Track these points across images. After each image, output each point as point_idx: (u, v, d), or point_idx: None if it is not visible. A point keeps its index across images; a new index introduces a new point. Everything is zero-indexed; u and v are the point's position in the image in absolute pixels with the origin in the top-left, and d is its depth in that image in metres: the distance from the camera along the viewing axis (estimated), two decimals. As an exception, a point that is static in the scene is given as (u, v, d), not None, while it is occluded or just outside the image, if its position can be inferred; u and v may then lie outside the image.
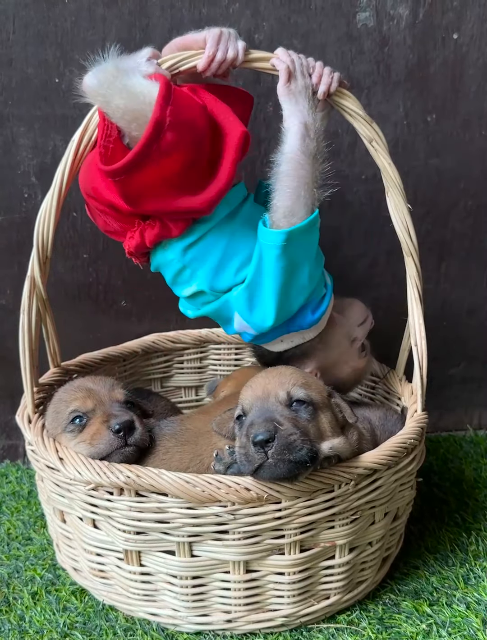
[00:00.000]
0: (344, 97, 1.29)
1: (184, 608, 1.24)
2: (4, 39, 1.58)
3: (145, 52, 1.22)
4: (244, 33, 1.65)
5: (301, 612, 1.26)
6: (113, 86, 1.15)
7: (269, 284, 1.26)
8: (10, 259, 1.72)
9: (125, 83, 1.15)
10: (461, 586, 1.37)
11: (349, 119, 1.30)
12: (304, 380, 1.19)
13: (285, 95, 1.25)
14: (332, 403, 1.21)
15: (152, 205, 1.23)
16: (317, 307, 1.35)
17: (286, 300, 1.28)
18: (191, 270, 1.31)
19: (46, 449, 1.25)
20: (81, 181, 1.30)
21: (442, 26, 1.72)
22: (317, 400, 1.17)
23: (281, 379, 1.18)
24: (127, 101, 1.15)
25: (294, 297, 1.29)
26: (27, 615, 1.29)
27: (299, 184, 1.23)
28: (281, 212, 1.24)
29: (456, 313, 1.97)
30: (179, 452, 1.29)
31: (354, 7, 1.67)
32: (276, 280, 1.25)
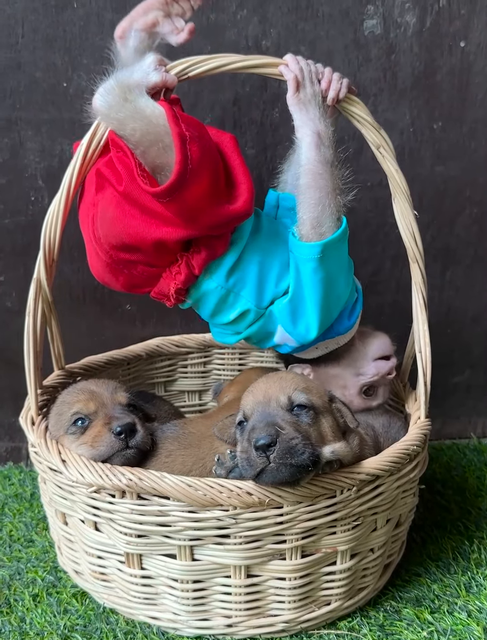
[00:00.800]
0: (353, 103, 1.30)
1: (185, 612, 1.24)
2: (12, 43, 1.59)
3: (150, 61, 1.21)
4: (252, 39, 1.66)
5: (302, 618, 1.26)
6: (124, 109, 1.15)
7: (311, 296, 1.28)
8: (16, 261, 1.73)
9: (136, 105, 1.15)
10: (463, 594, 1.37)
11: (357, 125, 1.30)
12: (304, 385, 1.19)
13: (295, 105, 1.25)
14: (333, 408, 1.21)
15: (208, 219, 1.20)
16: (352, 312, 1.36)
17: (327, 310, 1.30)
18: (235, 294, 1.31)
19: (49, 451, 1.26)
20: (104, 235, 1.26)
21: (450, 34, 1.72)
22: (318, 405, 1.18)
23: (282, 384, 1.18)
24: (142, 125, 1.16)
25: (333, 306, 1.31)
26: (27, 617, 1.29)
27: (322, 194, 1.24)
28: (308, 224, 1.24)
29: (460, 320, 1.97)
30: (182, 456, 1.29)
31: (361, 14, 1.68)
32: (316, 292, 1.27)
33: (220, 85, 1.68)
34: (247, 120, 1.72)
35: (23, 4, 1.57)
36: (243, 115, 1.71)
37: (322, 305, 1.28)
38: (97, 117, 1.20)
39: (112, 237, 1.24)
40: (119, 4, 1.59)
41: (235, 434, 1.20)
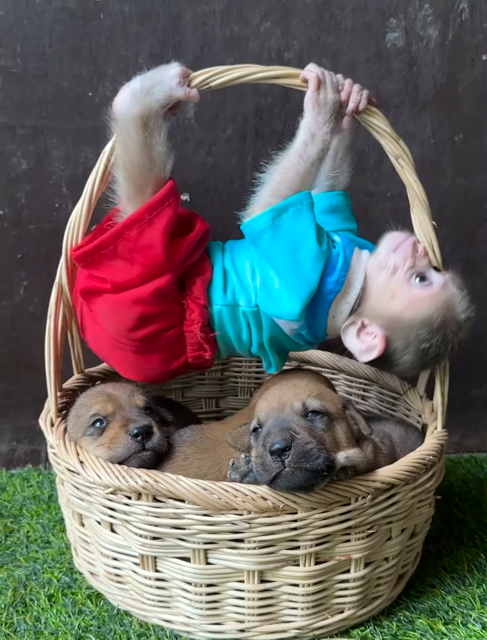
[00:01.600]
0: (372, 114, 1.31)
1: (198, 616, 1.25)
2: (40, 53, 1.63)
3: (174, 72, 1.24)
4: (275, 51, 1.69)
5: (315, 625, 1.26)
6: (137, 136, 1.22)
7: (276, 266, 1.27)
8: (40, 267, 1.76)
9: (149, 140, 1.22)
10: (477, 606, 1.36)
11: (376, 136, 1.31)
12: (318, 391, 1.20)
13: (311, 104, 1.27)
14: (347, 415, 1.21)
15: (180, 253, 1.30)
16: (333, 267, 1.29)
17: (300, 272, 1.26)
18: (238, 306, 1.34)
19: (67, 452, 1.27)
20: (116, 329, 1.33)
21: (472, 47, 1.74)
22: (333, 411, 1.18)
23: (296, 390, 1.19)
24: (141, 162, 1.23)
25: (307, 266, 1.26)
26: (42, 617, 1.31)
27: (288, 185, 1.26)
28: (259, 205, 1.26)
29: (478, 333, 1.95)
30: (198, 459, 1.31)
31: (384, 27, 1.70)
32: (280, 259, 1.26)
33: (243, 96, 1.70)
34: (269, 130, 1.74)
35: (51, 14, 1.61)
36: (265, 126, 1.73)
37: (292, 270, 1.26)
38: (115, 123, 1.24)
39: (123, 321, 1.31)
40: (145, 16, 1.63)
41: (249, 441, 1.21)
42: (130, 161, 1.24)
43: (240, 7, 1.65)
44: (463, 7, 1.71)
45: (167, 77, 1.23)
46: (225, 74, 1.24)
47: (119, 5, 1.62)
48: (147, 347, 1.33)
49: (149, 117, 1.21)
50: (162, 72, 1.24)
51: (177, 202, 1.29)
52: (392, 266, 1.29)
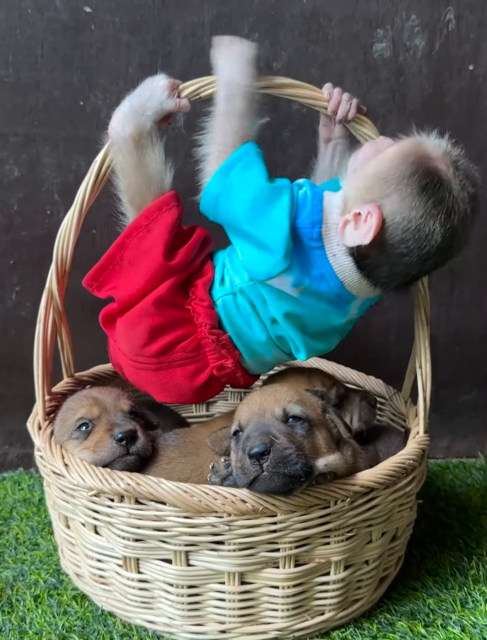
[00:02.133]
0: (362, 122, 1.34)
1: (180, 617, 1.27)
2: (32, 63, 1.66)
3: (162, 85, 1.27)
4: (263, 62, 1.71)
5: (295, 627, 1.28)
6: (131, 156, 1.26)
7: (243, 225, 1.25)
8: (32, 272, 1.78)
9: (143, 158, 1.27)
10: (458, 609, 1.38)
11: None
12: (299, 397, 1.22)
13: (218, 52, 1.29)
14: (327, 419, 1.23)
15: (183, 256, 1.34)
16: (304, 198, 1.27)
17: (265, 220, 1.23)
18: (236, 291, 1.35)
19: (53, 455, 1.30)
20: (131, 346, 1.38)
21: (458, 57, 1.76)
22: (313, 417, 1.20)
23: (277, 396, 1.21)
24: (139, 181, 1.29)
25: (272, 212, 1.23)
26: (28, 617, 1.33)
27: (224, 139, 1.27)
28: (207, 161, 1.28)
29: (468, 339, 1.99)
30: (182, 463, 1.33)
31: (371, 37, 1.72)
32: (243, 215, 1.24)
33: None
34: (258, 140, 1.75)
35: (43, 25, 1.63)
36: (253, 136, 1.75)
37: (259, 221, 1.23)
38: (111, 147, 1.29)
39: (135, 339, 1.35)
40: (135, 27, 1.65)
41: (229, 445, 1.23)
42: (129, 183, 1.29)
43: (229, 18, 1.68)
44: (449, 18, 1.73)
45: (156, 91, 1.27)
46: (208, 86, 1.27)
47: (110, 16, 1.64)
48: (166, 362, 1.35)
49: (141, 135, 1.25)
50: (150, 88, 1.27)
51: (177, 210, 1.32)
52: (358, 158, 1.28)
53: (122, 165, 1.28)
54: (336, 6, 1.69)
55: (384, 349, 1.94)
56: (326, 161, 1.44)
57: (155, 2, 1.65)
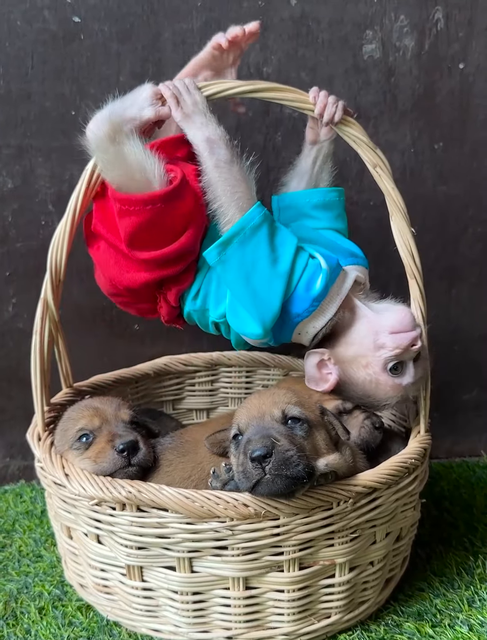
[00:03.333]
0: (349, 124, 1.33)
1: (185, 624, 1.26)
2: (23, 74, 1.66)
3: (146, 95, 1.27)
4: (253, 66, 1.71)
5: (301, 631, 1.27)
6: (109, 152, 1.25)
7: (236, 295, 1.29)
8: (28, 284, 1.78)
9: (121, 150, 1.24)
10: (465, 608, 1.37)
11: (354, 145, 1.33)
12: (297, 399, 1.21)
13: (182, 121, 1.28)
14: (325, 421, 1.23)
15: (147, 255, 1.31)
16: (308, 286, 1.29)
17: (257, 302, 1.27)
18: (205, 310, 1.38)
19: (53, 466, 1.29)
20: (102, 287, 1.44)
21: (448, 56, 1.76)
22: (311, 418, 1.20)
23: (275, 399, 1.20)
24: (123, 172, 1.25)
25: (264, 296, 1.27)
26: (33, 629, 1.32)
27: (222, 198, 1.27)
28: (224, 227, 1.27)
29: (467, 339, 1.98)
30: (182, 463, 1.34)
31: (360, 39, 1.73)
32: (238, 289, 1.28)
33: (223, 110, 1.71)
34: (250, 144, 1.76)
35: (32, 36, 1.64)
36: (246, 140, 1.75)
37: (249, 298, 1.27)
38: (88, 147, 1.28)
39: (104, 286, 1.42)
40: (125, 35, 1.66)
41: (228, 446, 1.23)
42: (112, 177, 1.27)
43: (218, 24, 1.68)
44: (438, 18, 1.74)
45: (138, 99, 1.27)
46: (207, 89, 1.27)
47: (99, 25, 1.65)
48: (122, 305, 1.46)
49: (116, 133, 1.24)
50: (135, 96, 1.27)
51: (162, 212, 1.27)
52: (380, 345, 1.30)
53: (104, 165, 1.27)
54: (324, 9, 1.70)
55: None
56: (308, 163, 1.45)
57: (144, 10, 1.66)
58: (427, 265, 1.90)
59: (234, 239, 1.25)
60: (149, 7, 1.66)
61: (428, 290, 1.45)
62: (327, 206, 1.47)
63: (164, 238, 1.30)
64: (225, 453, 1.25)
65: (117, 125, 1.23)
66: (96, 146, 1.26)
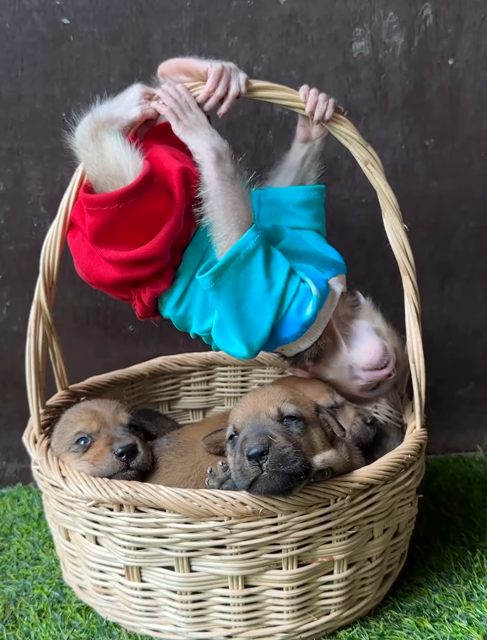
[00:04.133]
0: (340, 122, 1.34)
1: (185, 624, 1.26)
2: (12, 77, 1.66)
3: (133, 95, 1.27)
4: (243, 65, 1.71)
5: (301, 628, 1.27)
6: (90, 148, 1.24)
7: (226, 319, 1.28)
8: (22, 286, 1.78)
9: (101, 145, 1.23)
10: (464, 603, 1.37)
11: (345, 143, 1.33)
12: (292, 397, 1.22)
13: (184, 134, 1.26)
14: (321, 418, 1.23)
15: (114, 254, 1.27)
16: (300, 310, 1.29)
17: (247, 326, 1.27)
18: (188, 319, 1.36)
19: (50, 468, 1.29)
20: (80, 274, 1.41)
21: (438, 53, 1.77)
22: (307, 416, 1.20)
23: (270, 397, 1.21)
24: (100, 166, 1.24)
25: (254, 320, 1.27)
26: (32, 632, 1.32)
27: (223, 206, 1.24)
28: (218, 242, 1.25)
29: (461, 334, 1.99)
30: (181, 463, 1.34)
31: (350, 37, 1.73)
32: (227, 313, 1.27)
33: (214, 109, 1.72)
34: (242, 143, 1.76)
35: (22, 38, 1.64)
36: (237, 139, 1.75)
37: (238, 324, 1.27)
38: (72, 145, 1.28)
39: (82, 274, 1.39)
40: (114, 37, 1.66)
41: (226, 448, 1.23)
42: (90, 176, 1.27)
43: (207, 24, 1.68)
44: (427, 14, 1.74)
45: (125, 100, 1.27)
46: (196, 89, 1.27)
47: (88, 26, 1.65)
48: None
49: (99, 129, 1.23)
50: (122, 97, 1.28)
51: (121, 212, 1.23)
52: (356, 376, 1.39)
53: (84, 159, 1.26)
54: (313, 7, 1.70)
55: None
56: (297, 160, 1.45)
57: (133, 11, 1.66)
58: (420, 262, 1.90)
59: (230, 265, 1.23)
60: (138, 8, 1.66)
61: (421, 287, 1.46)
62: (309, 204, 1.47)
63: (130, 239, 1.26)
64: (222, 452, 1.26)
65: (100, 124, 1.23)
66: (79, 143, 1.25)
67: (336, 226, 1.86)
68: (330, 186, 1.83)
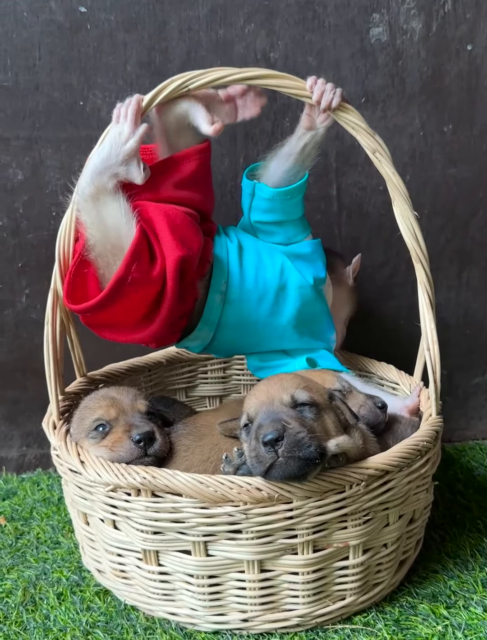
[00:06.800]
0: (346, 110, 1.33)
1: (201, 607, 1.28)
2: (30, 65, 1.67)
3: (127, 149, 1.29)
4: (260, 52, 1.71)
5: (316, 613, 1.28)
6: (91, 213, 1.29)
7: None
8: (40, 275, 1.80)
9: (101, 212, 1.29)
10: (479, 590, 1.37)
11: (352, 132, 1.33)
12: (305, 384, 1.22)
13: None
14: (334, 405, 1.24)
15: (110, 336, 1.42)
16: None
17: None
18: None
19: (69, 453, 1.31)
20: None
21: (456, 38, 1.75)
22: (320, 402, 1.21)
23: (283, 384, 1.21)
24: (100, 234, 1.30)
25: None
26: (52, 615, 1.34)
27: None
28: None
29: (478, 322, 1.98)
30: (199, 446, 1.36)
31: (367, 23, 1.72)
32: None
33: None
34: (258, 131, 1.77)
35: (39, 27, 1.64)
36: (254, 127, 1.75)
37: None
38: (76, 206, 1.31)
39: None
40: (131, 25, 1.66)
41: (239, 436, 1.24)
42: (89, 237, 1.30)
43: (224, 11, 1.68)
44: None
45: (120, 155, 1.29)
46: (203, 77, 1.27)
47: (105, 14, 1.65)
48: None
49: (101, 193, 1.28)
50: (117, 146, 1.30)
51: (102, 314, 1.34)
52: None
53: (85, 221, 1.30)
54: (330, -7, 1.69)
55: (394, 334, 1.93)
56: (298, 146, 1.45)
57: (149, -1, 1.66)
58: (437, 249, 1.90)
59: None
60: (154, -4, 1.66)
61: (438, 274, 1.45)
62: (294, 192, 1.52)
63: (122, 328, 1.40)
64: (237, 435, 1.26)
65: (101, 185, 1.28)
66: (81, 207, 1.30)
67: (352, 213, 1.86)
68: (347, 173, 1.83)
